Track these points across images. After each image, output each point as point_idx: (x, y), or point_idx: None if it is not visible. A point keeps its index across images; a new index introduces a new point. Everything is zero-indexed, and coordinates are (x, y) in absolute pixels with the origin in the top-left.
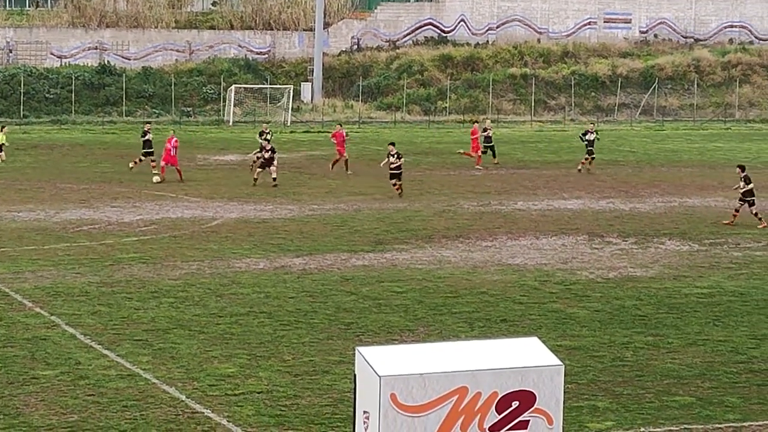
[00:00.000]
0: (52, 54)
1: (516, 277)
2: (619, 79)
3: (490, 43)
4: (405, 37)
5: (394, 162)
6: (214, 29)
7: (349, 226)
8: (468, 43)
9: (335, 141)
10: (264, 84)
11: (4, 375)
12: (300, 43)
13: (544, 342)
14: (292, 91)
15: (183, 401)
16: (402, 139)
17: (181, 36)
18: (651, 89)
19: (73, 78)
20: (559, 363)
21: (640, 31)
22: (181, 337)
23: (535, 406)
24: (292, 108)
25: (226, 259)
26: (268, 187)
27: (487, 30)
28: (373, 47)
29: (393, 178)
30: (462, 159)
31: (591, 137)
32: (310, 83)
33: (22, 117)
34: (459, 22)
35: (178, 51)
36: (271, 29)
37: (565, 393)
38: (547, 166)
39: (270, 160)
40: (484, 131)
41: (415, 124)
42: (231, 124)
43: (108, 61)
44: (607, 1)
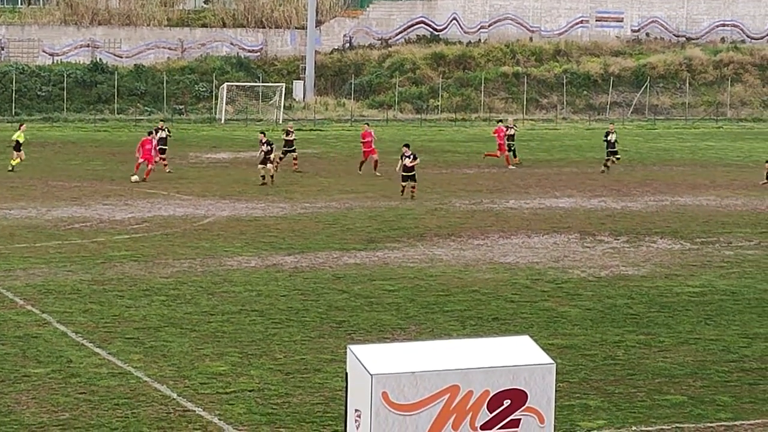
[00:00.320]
0: (44, 51)
1: (508, 276)
2: (611, 78)
3: (482, 41)
4: (397, 35)
5: (410, 163)
6: (207, 27)
7: (341, 225)
8: (460, 42)
9: (363, 141)
10: (256, 82)
11: None
12: (292, 41)
13: (535, 340)
14: (284, 89)
15: (174, 399)
16: (394, 138)
17: (173, 34)
18: (643, 88)
19: (65, 76)
20: (551, 361)
21: (632, 30)
22: (173, 335)
23: (526, 404)
24: (284, 106)
25: (217, 257)
26: (260, 185)
27: (479, 28)
28: (365, 45)
29: (405, 180)
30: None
31: (612, 138)
32: (302, 81)
33: (14, 115)
34: (451, 21)
35: (170, 49)
36: (264, 27)
37: (556, 391)
38: (539, 165)
39: (266, 159)
40: (507, 129)
41: (407, 123)
42: (223, 122)
43: (100, 59)
44: None
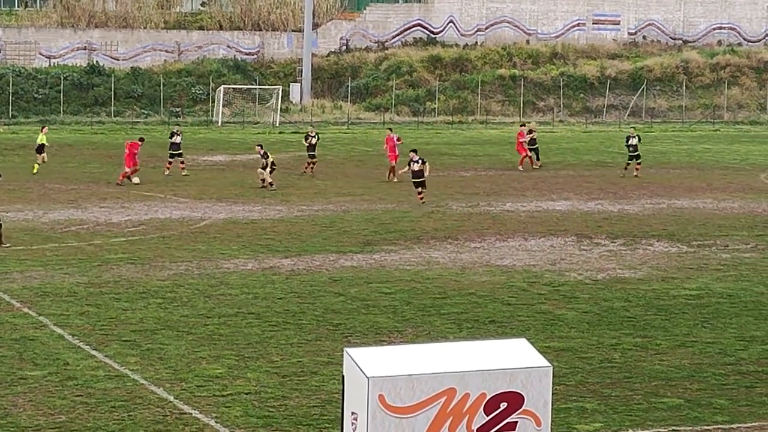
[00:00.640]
0: (40, 54)
1: (504, 279)
2: (608, 81)
3: (479, 44)
4: (394, 38)
5: (418, 168)
6: (203, 30)
7: (337, 227)
8: (457, 44)
9: (387, 146)
10: (253, 85)
11: None
12: (289, 43)
13: (532, 343)
14: (280, 92)
15: (171, 402)
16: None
17: (170, 36)
18: (639, 91)
19: (62, 78)
20: (548, 364)
21: (628, 33)
22: (170, 337)
23: (523, 407)
24: (281, 109)
25: (214, 260)
26: (257, 188)
27: (476, 31)
28: (361, 48)
29: (418, 186)
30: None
31: (633, 142)
32: (299, 84)
33: (11, 117)
34: (448, 23)
35: (167, 51)
36: (260, 30)
37: (553, 394)
38: (536, 168)
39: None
40: (530, 133)
41: (404, 125)
42: (220, 124)
43: (97, 62)
44: (595, 2)
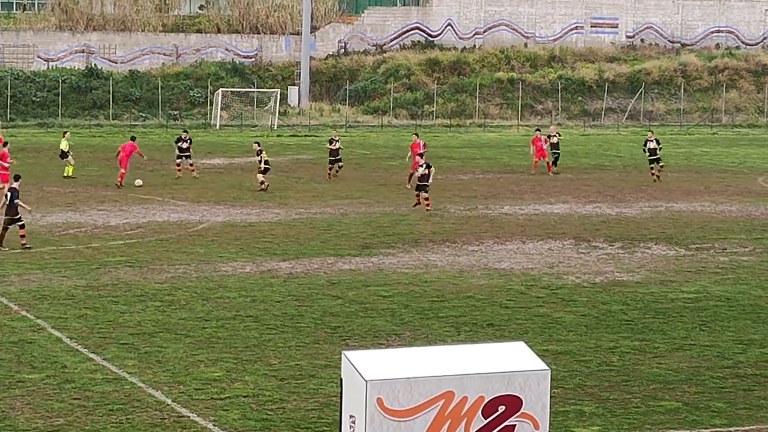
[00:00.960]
0: (39, 57)
1: (502, 282)
2: (606, 84)
3: (477, 47)
4: (392, 41)
5: (422, 173)
6: (201, 33)
7: (335, 230)
8: (455, 48)
9: (411, 152)
10: (251, 88)
11: None
12: (287, 46)
13: (530, 346)
14: (279, 95)
15: (169, 405)
16: (388, 144)
17: (168, 39)
18: (638, 94)
19: (60, 81)
20: (546, 367)
21: (626, 36)
22: (168, 340)
23: (521, 410)
24: (279, 112)
25: (212, 263)
26: (255, 191)
27: (474, 34)
28: (360, 51)
29: (419, 190)
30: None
31: (651, 146)
32: (297, 87)
33: (9, 120)
34: (446, 27)
35: (165, 54)
36: (258, 33)
37: (551, 397)
38: (536, 171)
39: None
40: (549, 138)
41: (402, 129)
42: (218, 127)
43: (95, 65)
44: (594, 5)
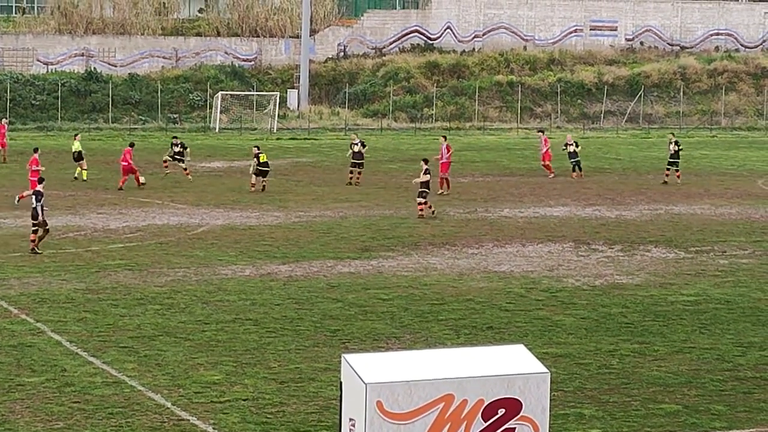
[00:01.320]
0: (38, 60)
1: (502, 285)
2: (605, 87)
3: (477, 50)
4: (391, 44)
5: (428, 178)
6: (201, 36)
7: (335, 233)
8: (454, 51)
9: (441, 155)
10: (250, 91)
11: None
12: (286, 50)
13: (530, 349)
14: (278, 98)
15: (168, 408)
16: (388, 146)
17: (167, 43)
18: (637, 97)
19: (60, 85)
20: (546, 370)
21: (626, 39)
22: (167, 344)
23: (521, 413)
24: (279, 115)
25: (212, 266)
26: (253, 193)
27: (474, 37)
28: (359, 54)
29: (420, 196)
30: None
31: (674, 148)
32: (297, 90)
33: (9, 124)
34: (445, 30)
35: (164, 58)
36: (258, 36)
37: (551, 400)
38: (534, 174)
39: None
40: (567, 146)
41: (402, 131)
42: (217, 130)
43: (94, 68)
44: (593, 8)
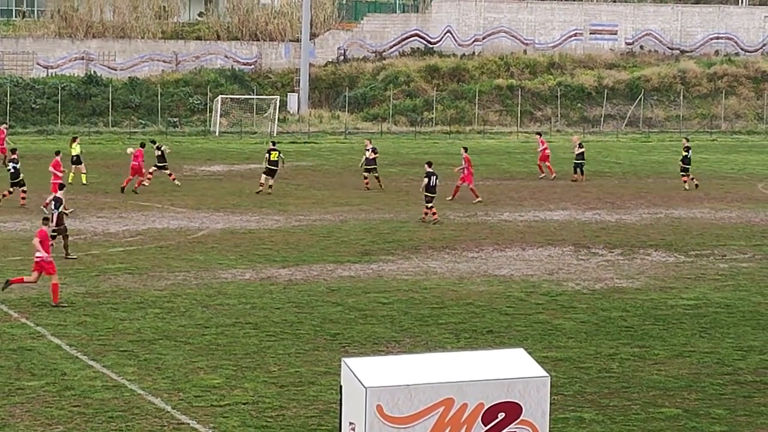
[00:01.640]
0: (38, 64)
1: (502, 288)
2: (605, 91)
3: (477, 54)
4: (391, 48)
5: (434, 183)
6: (201, 40)
7: (335, 237)
8: (454, 54)
9: (468, 164)
10: (250, 94)
11: None
12: (286, 53)
13: (530, 353)
14: (278, 102)
15: (168, 412)
16: (388, 150)
17: (167, 46)
18: (637, 100)
19: (60, 88)
20: (545, 374)
21: (626, 43)
22: (167, 347)
23: (521, 417)
24: (279, 119)
25: (212, 270)
26: (254, 197)
27: (474, 41)
28: (359, 58)
29: (429, 202)
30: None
31: (689, 154)
32: (297, 94)
33: (9, 127)
34: (445, 34)
35: (164, 61)
36: (258, 40)
37: (551, 404)
38: (534, 177)
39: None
40: (580, 146)
41: (402, 135)
42: (217, 134)
43: (94, 72)
44: (593, 12)
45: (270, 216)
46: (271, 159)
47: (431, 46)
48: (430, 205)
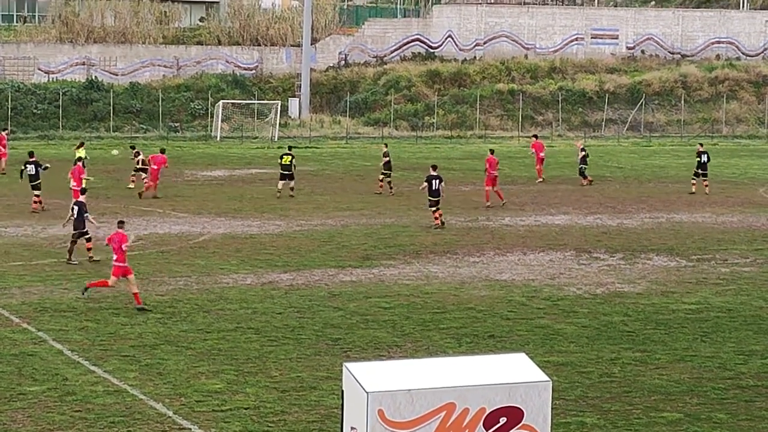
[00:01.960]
0: (39, 69)
1: (503, 293)
2: (607, 95)
3: (478, 58)
4: (392, 52)
5: (437, 186)
6: (202, 45)
7: (336, 242)
8: (455, 59)
9: (488, 166)
10: (251, 99)
11: None
12: (287, 58)
13: (531, 358)
14: (279, 107)
15: (170, 417)
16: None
17: (168, 51)
18: (638, 105)
19: (61, 93)
20: (547, 379)
21: (627, 47)
22: (169, 353)
23: (522, 422)
24: (280, 124)
25: (213, 275)
26: (255, 202)
27: (475, 46)
28: (360, 63)
29: (432, 206)
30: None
31: (703, 158)
32: (298, 99)
33: (10, 132)
34: (446, 38)
35: (165, 66)
36: (259, 45)
37: (552, 409)
38: (535, 182)
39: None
40: (582, 150)
41: (403, 140)
42: (218, 139)
43: (95, 77)
44: (594, 17)
45: (271, 221)
46: (282, 163)
47: (432, 50)
48: (433, 209)
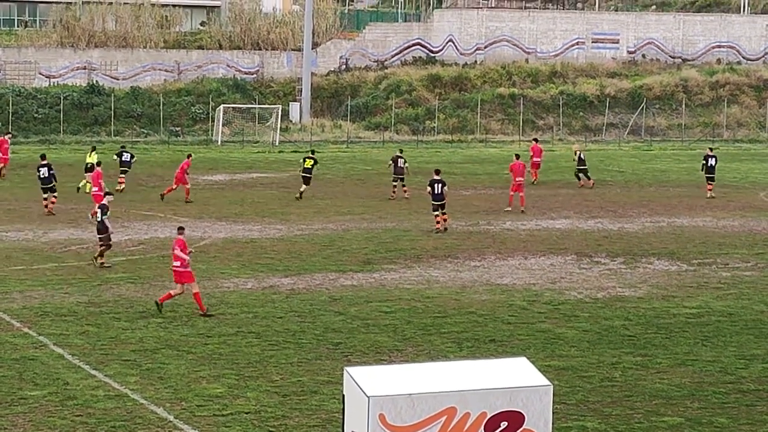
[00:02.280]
0: (40, 74)
1: (504, 297)
2: (607, 99)
3: (479, 63)
4: (393, 57)
5: (441, 190)
6: (203, 49)
7: (337, 246)
8: (456, 63)
9: (512, 172)
10: (252, 104)
11: None
12: (288, 63)
13: (532, 362)
14: (280, 111)
15: (171, 422)
16: (389, 159)
17: (169, 56)
18: (639, 109)
19: (62, 98)
20: (548, 383)
21: (628, 51)
22: (170, 357)
23: (523, 426)
24: (281, 128)
25: (214, 279)
26: (256, 206)
27: (475, 50)
28: (361, 67)
29: (436, 210)
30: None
31: (711, 162)
32: (299, 103)
33: (13, 136)
34: (447, 42)
35: (166, 71)
36: (260, 49)
37: (553, 413)
38: (536, 186)
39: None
40: (578, 153)
41: (404, 144)
42: (219, 143)
43: (96, 81)
44: (595, 21)
45: (272, 225)
46: (305, 166)
47: (433, 55)
48: (436, 213)
